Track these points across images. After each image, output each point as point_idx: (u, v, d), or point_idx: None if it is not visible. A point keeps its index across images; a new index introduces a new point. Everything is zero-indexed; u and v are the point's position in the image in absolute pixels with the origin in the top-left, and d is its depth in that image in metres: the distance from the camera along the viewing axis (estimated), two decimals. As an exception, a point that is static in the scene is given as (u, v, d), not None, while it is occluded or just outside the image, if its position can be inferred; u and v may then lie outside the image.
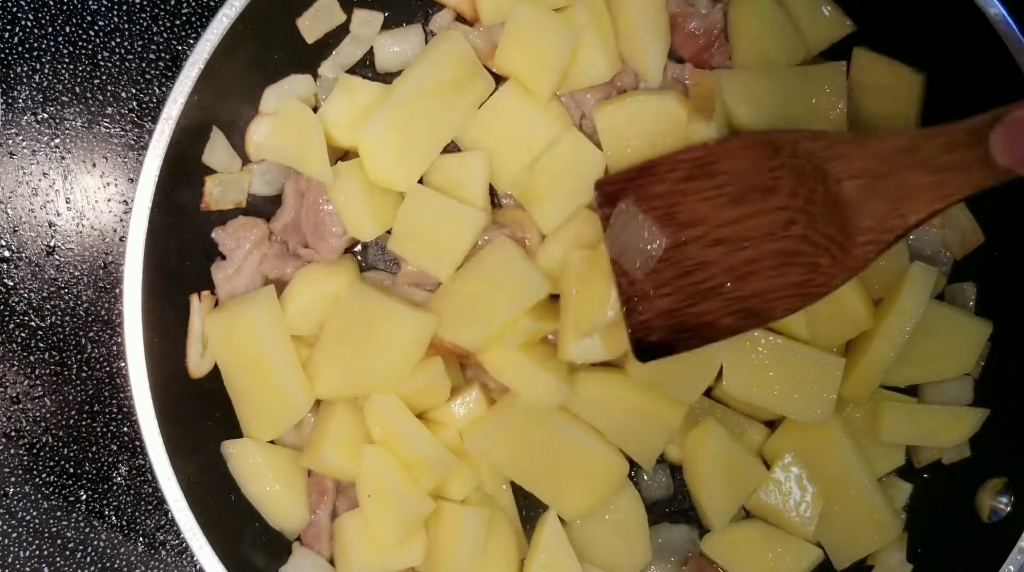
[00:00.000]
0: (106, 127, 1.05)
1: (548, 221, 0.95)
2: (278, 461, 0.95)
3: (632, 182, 0.81)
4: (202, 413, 0.94)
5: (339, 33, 0.99)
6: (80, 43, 1.05)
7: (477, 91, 0.95)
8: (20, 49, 1.04)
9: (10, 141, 1.05)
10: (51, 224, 1.05)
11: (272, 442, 0.96)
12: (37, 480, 1.04)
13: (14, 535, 1.03)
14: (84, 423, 1.04)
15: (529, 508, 1.01)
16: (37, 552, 1.03)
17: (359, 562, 0.93)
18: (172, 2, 1.05)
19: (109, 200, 1.05)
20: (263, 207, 0.99)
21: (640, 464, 0.97)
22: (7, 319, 1.04)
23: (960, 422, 0.95)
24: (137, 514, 1.04)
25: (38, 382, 1.04)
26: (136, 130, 1.05)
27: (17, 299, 1.04)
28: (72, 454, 1.04)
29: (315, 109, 0.97)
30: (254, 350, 0.91)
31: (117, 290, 1.04)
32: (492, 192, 0.99)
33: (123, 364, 1.00)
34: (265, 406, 0.93)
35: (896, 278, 0.93)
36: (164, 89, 1.05)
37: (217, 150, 0.94)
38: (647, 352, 0.84)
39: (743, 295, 0.79)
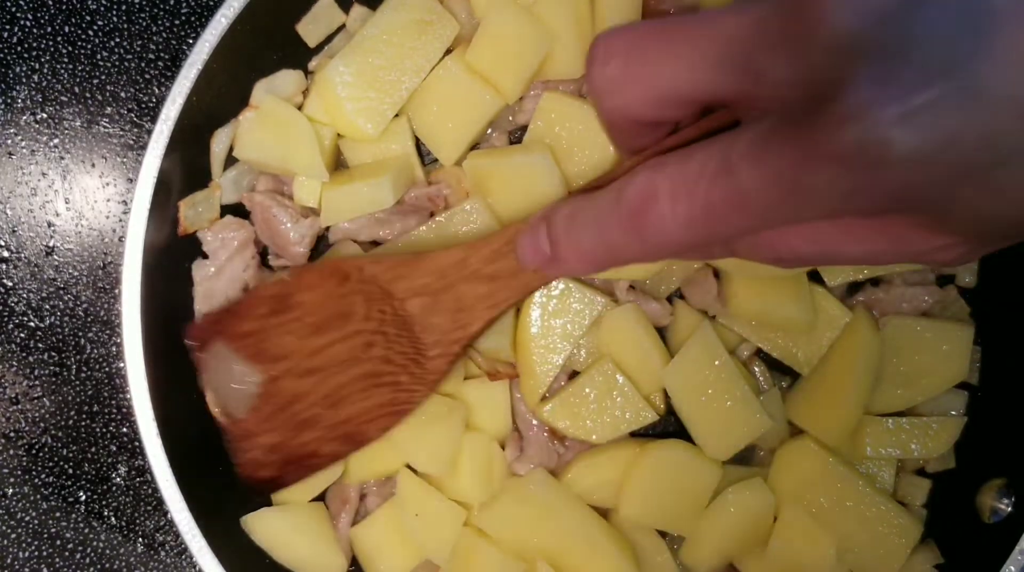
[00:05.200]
0: (105, 127, 1.05)
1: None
2: (300, 519, 0.94)
3: (220, 323, 0.84)
4: (201, 415, 0.93)
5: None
6: (79, 43, 1.05)
7: (441, 34, 0.94)
8: (19, 49, 1.04)
9: (9, 141, 1.05)
10: (50, 224, 1.05)
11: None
12: (36, 481, 1.04)
13: (13, 536, 1.03)
14: (83, 424, 1.04)
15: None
16: (36, 553, 1.03)
17: (389, 565, 0.95)
18: (171, 2, 1.04)
19: (108, 200, 1.05)
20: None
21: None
22: (6, 319, 1.04)
23: (942, 432, 0.95)
24: (136, 515, 1.04)
25: (37, 383, 1.04)
26: (135, 130, 1.05)
27: (16, 299, 1.04)
28: (71, 455, 1.04)
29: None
30: None
31: (116, 290, 1.04)
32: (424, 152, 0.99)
33: (122, 365, 1.00)
34: None
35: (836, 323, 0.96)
36: (163, 89, 1.05)
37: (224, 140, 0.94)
38: (257, 489, 0.86)
39: (339, 421, 0.83)
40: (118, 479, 1.04)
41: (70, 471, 1.04)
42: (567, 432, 0.95)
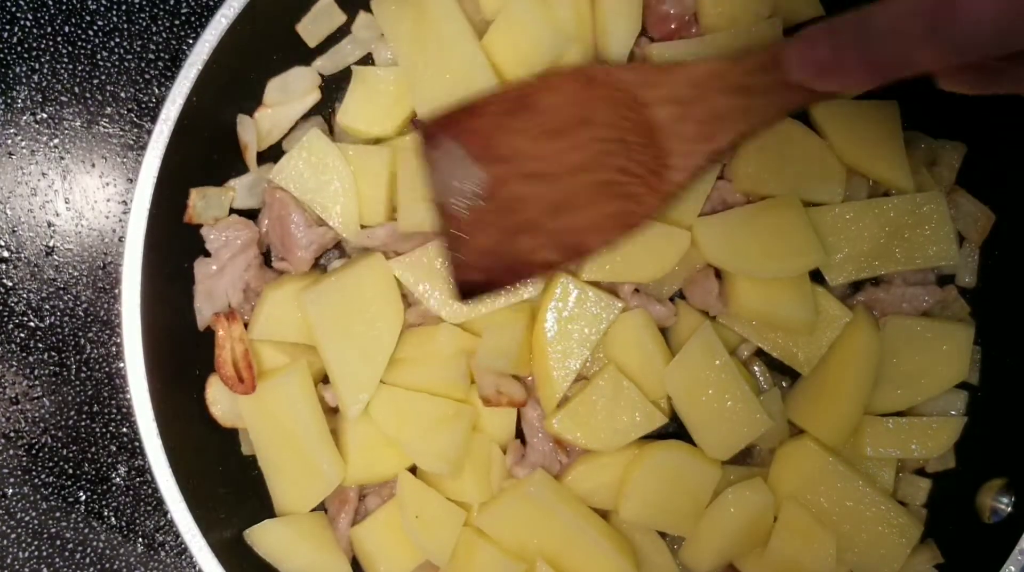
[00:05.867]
0: (105, 127, 1.05)
1: None
2: (303, 529, 0.94)
3: (453, 118, 0.81)
4: (201, 415, 0.94)
5: (338, 35, 0.99)
6: (79, 43, 1.04)
7: None
8: (19, 49, 1.04)
9: (9, 141, 1.05)
10: (50, 224, 1.05)
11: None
12: (36, 481, 1.04)
13: (13, 536, 1.03)
14: (83, 424, 1.04)
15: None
16: (36, 553, 1.03)
17: (389, 566, 0.95)
18: (171, 2, 1.04)
19: (108, 200, 1.05)
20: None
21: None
22: (6, 319, 1.04)
23: (942, 432, 0.95)
24: (136, 515, 1.04)
25: (37, 383, 1.04)
26: (135, 130, 1.05)
27: (16, 299, 1.04)
28: (71, 455, 1.04)
29: (324, 105, 0.98)
30: (288, 426, 0.91)
31: (116, 291, 1.04)
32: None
33: (122, 365, 1.00)
34: (298, 479, 0.93)
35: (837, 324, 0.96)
36: (163, 89, 1.05)
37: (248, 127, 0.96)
38: (468, 292, 0.81)
39: (561, 229, 0.79)
40: (118, 479, 1.04)
41: (70, 471, 1.04)
42: (578, 443, 0.95)
